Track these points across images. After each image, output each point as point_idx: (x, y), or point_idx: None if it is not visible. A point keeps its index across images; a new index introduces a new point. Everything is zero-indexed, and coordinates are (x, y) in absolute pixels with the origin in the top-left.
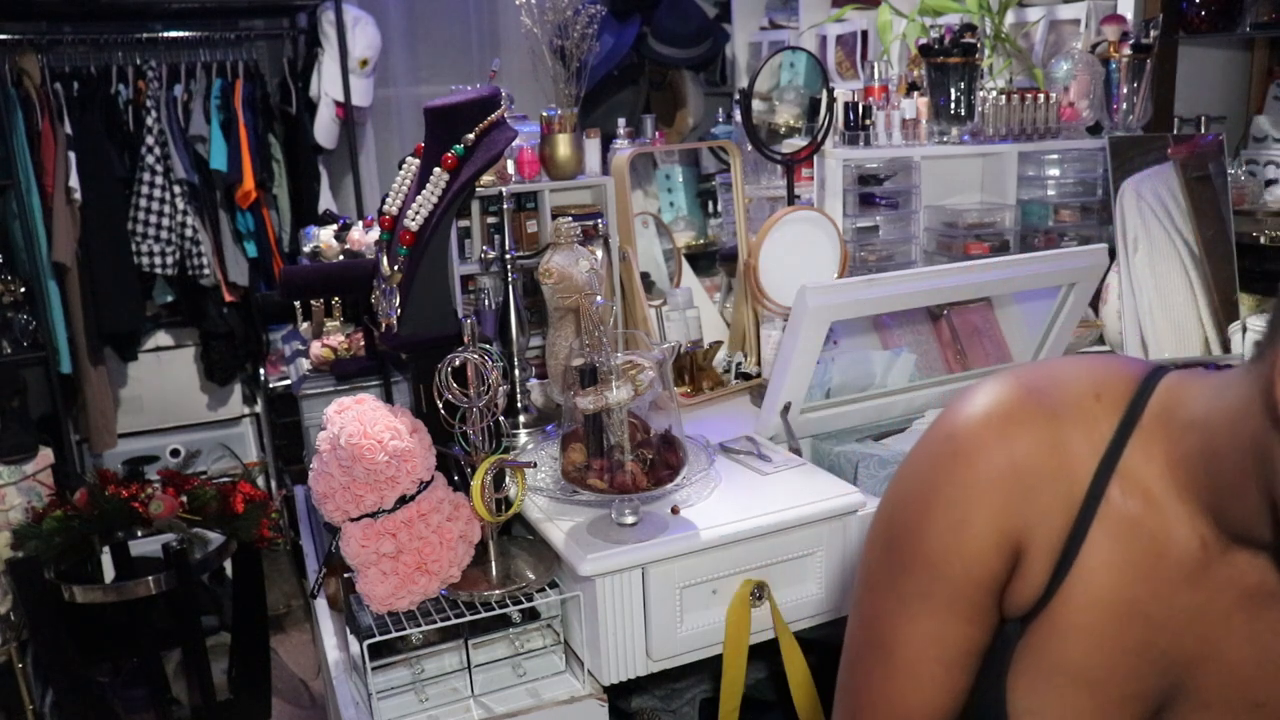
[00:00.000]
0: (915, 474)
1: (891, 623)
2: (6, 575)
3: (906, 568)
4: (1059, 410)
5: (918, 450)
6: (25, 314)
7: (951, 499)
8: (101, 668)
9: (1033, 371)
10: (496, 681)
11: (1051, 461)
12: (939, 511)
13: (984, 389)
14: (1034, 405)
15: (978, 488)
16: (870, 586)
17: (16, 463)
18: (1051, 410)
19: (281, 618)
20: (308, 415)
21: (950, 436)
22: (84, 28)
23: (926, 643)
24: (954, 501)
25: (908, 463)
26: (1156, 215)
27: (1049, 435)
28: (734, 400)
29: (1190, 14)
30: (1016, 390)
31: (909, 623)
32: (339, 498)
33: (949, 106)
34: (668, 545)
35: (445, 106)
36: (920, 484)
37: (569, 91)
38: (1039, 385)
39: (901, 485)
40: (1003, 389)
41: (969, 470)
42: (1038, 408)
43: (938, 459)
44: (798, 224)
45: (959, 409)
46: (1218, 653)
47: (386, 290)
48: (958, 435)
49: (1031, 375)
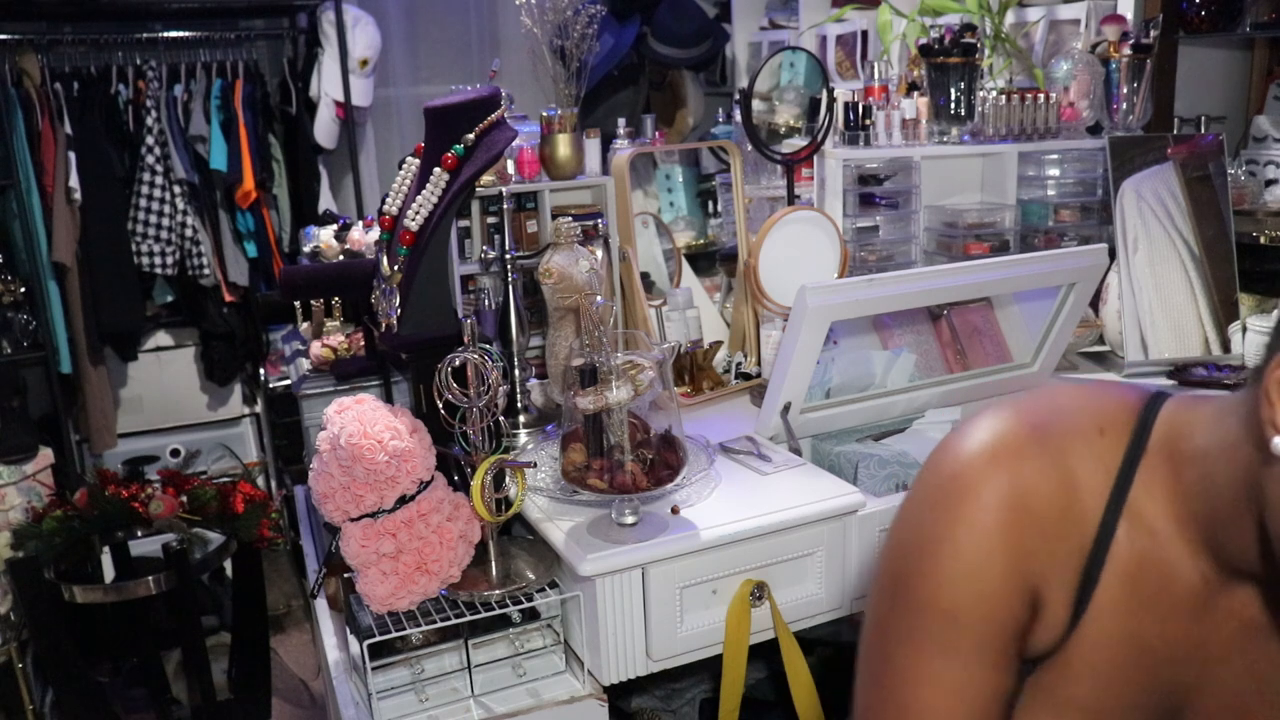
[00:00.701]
0: (920, 518)
1: (911, 679)
2: (6, 575)
3: (923, 619)
4: (1065, 445)
5: (918, 492)
6: (25, 314)
7: (965, 542)
8: (101, 668)
9: (1032, 404)
10: (496, 681)
11: (1062, 500)
12: (953, 557)
13: (983, 424)
14: (1039, 440)
15: (992, 529)
16: (881, 642)
17: (16, 463)
18: (1058, 446)
19: (281, 618)
20: (308, 415)
21: (955, 476)
22: (84, 28)
23: (954, 699)
24: (968, 545)
25: (909, 506)
26: (1156, 215)
27: (1057, 473)
28: (734, 400)
29: (1190, 14)
30: (1019, 424)
31: (931, 679)
32: (339, 498)
33: (949, 106)
34: (668, 545)
35: (445, 106)
36: (928, 528)
37: (569, 91)
38: (1041, 419)
39: (906, 531)
40: (1004, 423)
41: (979, 511)
42: (1043, 443)
43: (943, 500)
44: (798, 224)
45: (959, 446)
46: (1217, 681)
47: (386, 290)
48: (962, 474)
49: (1032, 408)
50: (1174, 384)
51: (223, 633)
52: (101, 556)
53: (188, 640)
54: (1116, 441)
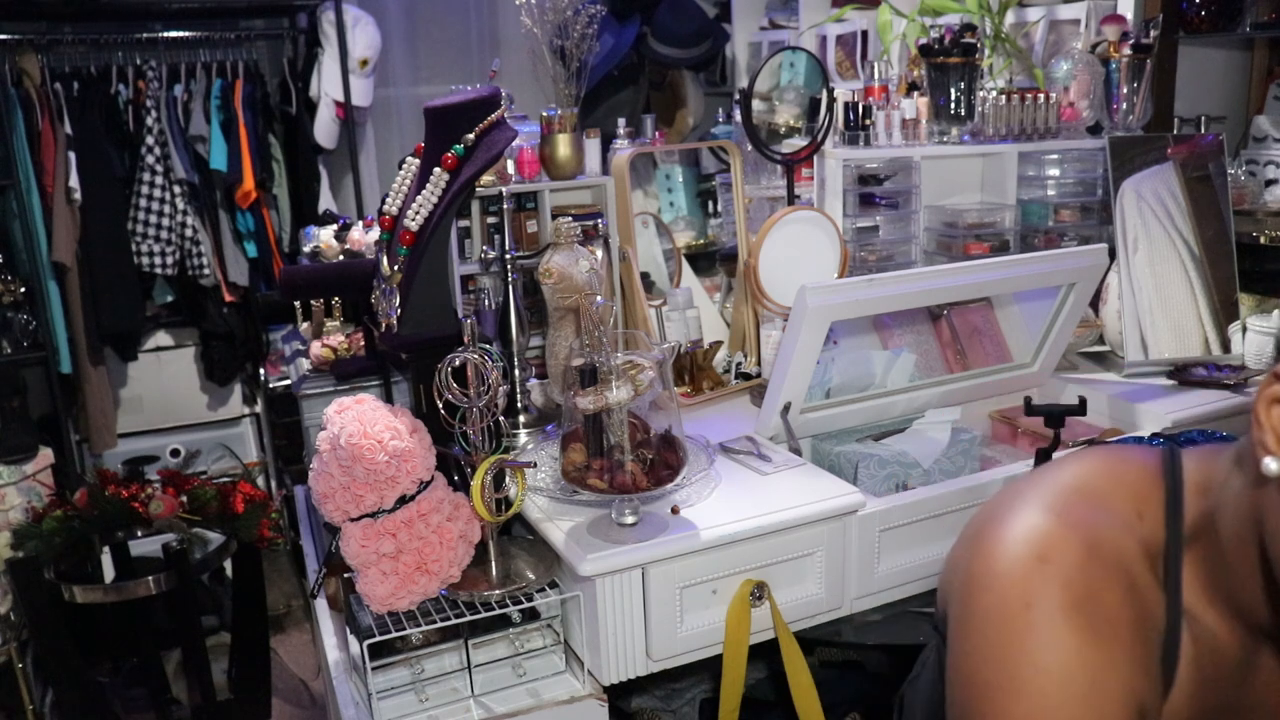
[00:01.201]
0: (995, 648)
1: None
2: (6, 575)
3: None
4: (1119, 548)
5: (978, 617)
6: (25, 314)
7: (1059, 662)
8: (101, 668)
9: (1063, 496)
10: (496, 681)
11: (1131, 611)
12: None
13: (1021, 532)
14: (1092, 551)
15: (1086, 648)
16: None
17: (16, 463)
18: (1114, 559)
19: (281, 618)
20: (308, 415)
21: (1023, 602)
22: (84, 28)
23: None
24: (1064, 664)
25: (976, 635)
26: (1156, 215)
27: (1121, 581)
28: (734, 400)
29: (1190, 14)
30: (1063, 529)
31: None
32: (339, 498)
33: (949, 106)
34: (668, 545)
35: (445, 106)
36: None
37: (569, 91)
38: (1082, 519)
39: (982, 666)
40: (1045, 527)
41: (1065, 632)
42: (1097, 553)
43: (1019, 628)
44: (798, 224)
45: (1008, 562)
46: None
47: (386, 290)
48: (1031, 598)
49: (1067, 503)
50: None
51: (223, 633)
52: (101, 556)
53: (188, 640)
54: (1156, 524)
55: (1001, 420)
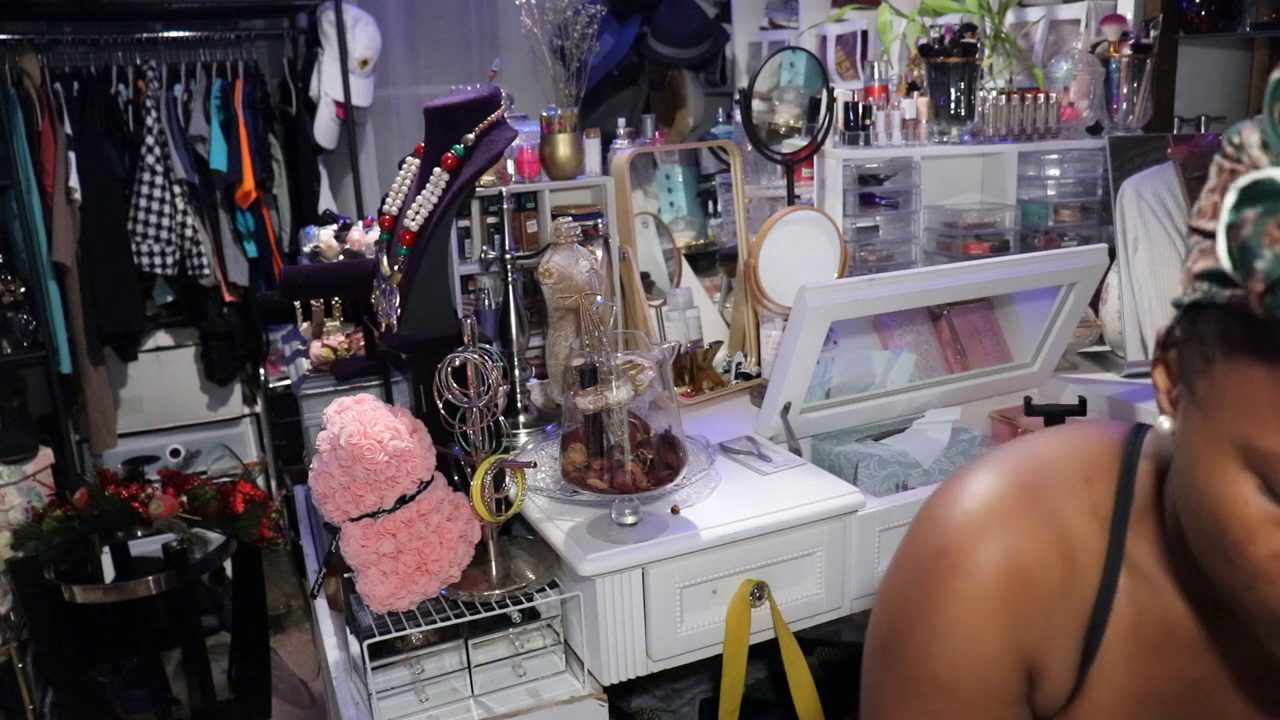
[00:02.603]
0: (910, 588)
1: None
2: (6, 575)
3: (916, 688)
4: (1056, 503)
5: (906, 559)
6: (25, 314)
7: (958, 616)
8: (101, 668)
9: (1014, 460)
10: (496, 681)
11: (1060, 566)
12: (946, 629)
13: (968, 487)
14: (1029, 502)
15: (987, 603)
16: (875, 706)
17: (16, 463)
18: (1049, 506)
19: (281, 618)
20: (308, 415)
21: (943, 547)
22: (84, 28)
23: None
24: (962, 619)
25: (898, 573)
26: (1156, 215)
27: (1052, 536)
28: (734, 400)
29: (1190, 14)
30: (1006, 485)
31: None
32: (339, 498)
33: (949, 106)
34: (668, 545)
35: (445, 106)
36: (918, 600)
37: (569, 91)
38: (1028, 477)
39: (896, 602)
40: (990, 485)
41: (973, 585)
42: (1034, 504)
43: (934, 572)
44: (798, 224)
45: (946, 512)
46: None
47: (386, 290)
48: (952, 545)
49: (1015, 465)
50: None
51: (223, 633)
52: (101, 556)
53: (188, 640)
54: (1105, 488)
55: (1001, 420)
